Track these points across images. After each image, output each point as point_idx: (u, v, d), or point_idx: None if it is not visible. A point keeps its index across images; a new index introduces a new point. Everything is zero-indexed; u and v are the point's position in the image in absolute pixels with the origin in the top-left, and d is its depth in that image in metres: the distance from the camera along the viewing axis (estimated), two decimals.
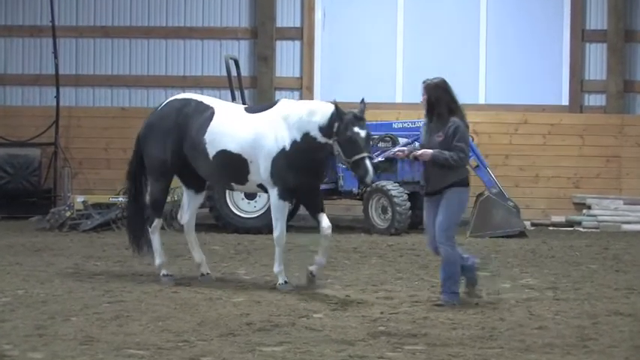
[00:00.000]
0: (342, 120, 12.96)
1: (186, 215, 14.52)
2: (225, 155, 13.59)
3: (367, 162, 12.80)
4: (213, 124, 13.69)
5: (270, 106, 13.88)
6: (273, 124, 13.40)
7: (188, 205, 14.55)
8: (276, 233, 13.55)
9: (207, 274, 14.22)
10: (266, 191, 13.66)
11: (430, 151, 12.41)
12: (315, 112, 13.18)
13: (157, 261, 14.19)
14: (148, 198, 14.47)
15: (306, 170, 13.29)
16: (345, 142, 12.88)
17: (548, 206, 21.94)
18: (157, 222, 14.26)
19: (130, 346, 10.12)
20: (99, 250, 17.05)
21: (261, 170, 13.45)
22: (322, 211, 13.69)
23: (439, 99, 12.34)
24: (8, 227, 20.63)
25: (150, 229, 14.29)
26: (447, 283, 12.39)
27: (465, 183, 12.40)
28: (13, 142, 22.56)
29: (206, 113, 13.84)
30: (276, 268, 13.52)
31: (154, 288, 13.44)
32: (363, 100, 13.43)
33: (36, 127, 22.46)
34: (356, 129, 12.90)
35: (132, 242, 14.60)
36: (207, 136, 13.68)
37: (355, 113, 13.07)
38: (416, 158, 12.80)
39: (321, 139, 13.09)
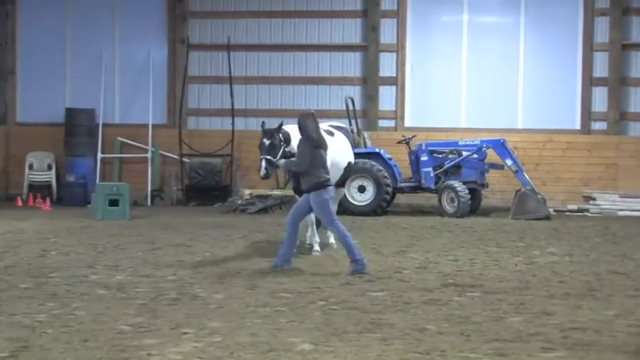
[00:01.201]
0: None
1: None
2: None
3: (262, 161, 12.48)
4: None
5: None
6: None
7: None
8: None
9: (333, 243, 14.21)
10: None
11: (283, 161, 12.41)
12: None
13: (307, 233, 14.15)
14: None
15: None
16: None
17: (566, 198, 21.59)
18: None
19: (281, 291, 10.17)
20: (259, 226, 17.17)
21: None
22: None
23: (300, 125, 11.90)
24: (200, 211, 20.88)
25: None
26: (351, 251, 11.54)
27: (319, 187, 11.65)
28: (204, 153, 22.80)
29: None
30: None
31: (296, 252, 13.44)
32: (281, 124, 12.87)
33: (218, 144, 22.68)
34: (263, 140, 12.66)
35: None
36: None
37: (265, 129, 12.77)
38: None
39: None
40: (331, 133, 13.84)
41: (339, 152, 13.55)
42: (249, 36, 23.38)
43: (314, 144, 11.75)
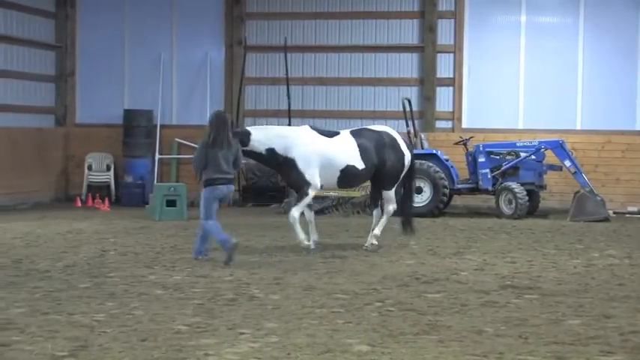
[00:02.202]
0: None
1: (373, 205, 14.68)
2: None
3: None
4: None
5: None
6: None
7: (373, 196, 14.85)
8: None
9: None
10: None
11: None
12: None
13: (369, 238, 14.21)
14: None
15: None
16: None
17: (625, 200, 21.32)
18: (377, 211, 14.44)
19: (337, 292, 10.17)
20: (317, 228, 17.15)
21: None
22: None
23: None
24: (256, 212, 20.96)
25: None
26: (224, 244, 12.37)
27: (206, 184, 12.38)
28: None
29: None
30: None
31: (353, 253, 13.48)
32: (237, 129, 13.53)
33: None
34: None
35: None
36: None
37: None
38: None
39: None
40: (331, 135, 13.91)
41: (331, 154, 13.67)
42: (306, 37, 23.41)
43: (208, 144, 12.33)
